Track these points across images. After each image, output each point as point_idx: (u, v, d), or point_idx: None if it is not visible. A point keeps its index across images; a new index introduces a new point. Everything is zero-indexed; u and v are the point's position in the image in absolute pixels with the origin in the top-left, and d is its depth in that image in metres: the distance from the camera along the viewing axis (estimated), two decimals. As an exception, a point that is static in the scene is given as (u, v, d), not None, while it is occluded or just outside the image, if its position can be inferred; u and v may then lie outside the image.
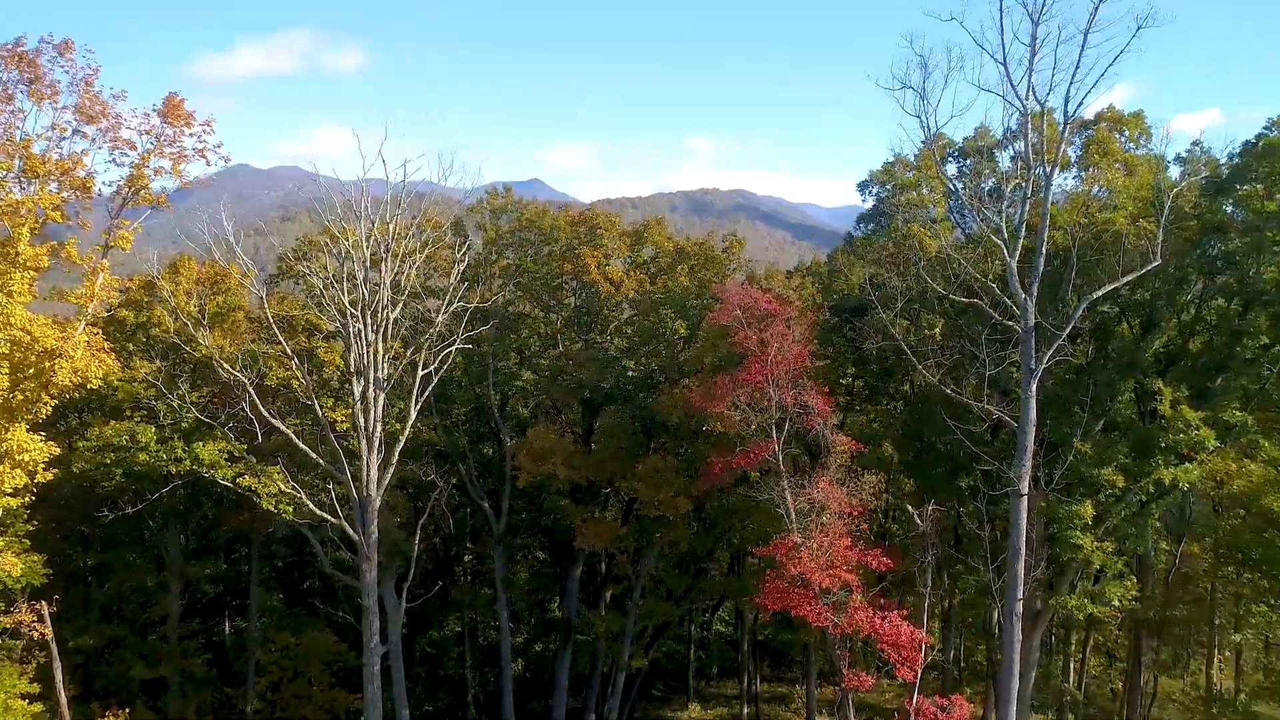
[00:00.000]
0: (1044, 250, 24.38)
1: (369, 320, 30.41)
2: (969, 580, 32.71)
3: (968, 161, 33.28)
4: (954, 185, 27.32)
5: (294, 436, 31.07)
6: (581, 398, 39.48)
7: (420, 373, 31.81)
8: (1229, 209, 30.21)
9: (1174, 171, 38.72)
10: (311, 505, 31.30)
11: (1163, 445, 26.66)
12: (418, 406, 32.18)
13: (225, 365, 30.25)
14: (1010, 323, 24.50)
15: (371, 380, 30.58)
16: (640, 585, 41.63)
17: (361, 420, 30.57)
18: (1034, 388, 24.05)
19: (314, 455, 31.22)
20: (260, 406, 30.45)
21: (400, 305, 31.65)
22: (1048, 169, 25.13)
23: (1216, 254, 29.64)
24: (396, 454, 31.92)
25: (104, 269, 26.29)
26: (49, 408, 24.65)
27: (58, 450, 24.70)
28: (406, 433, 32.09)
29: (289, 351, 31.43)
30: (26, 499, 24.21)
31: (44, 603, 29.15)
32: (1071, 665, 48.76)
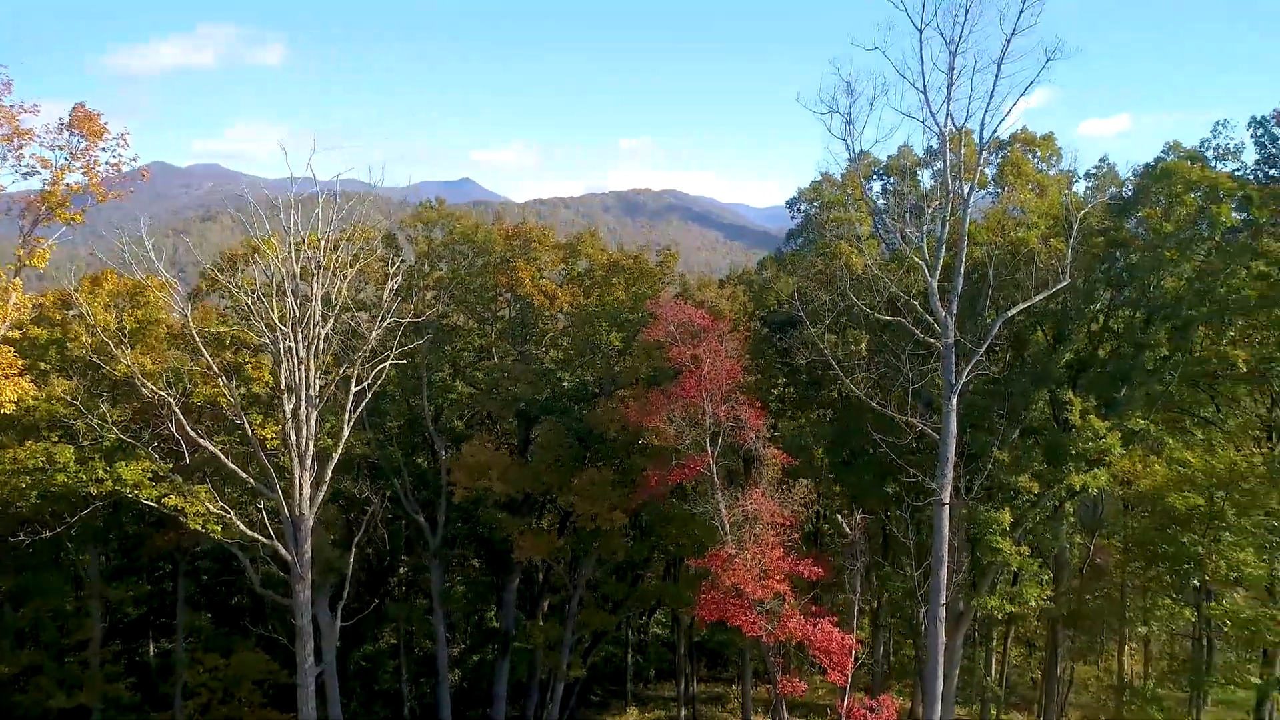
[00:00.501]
0: (963, 269, 25.49)
1: (299, 336, 29.97)
2: (896, 584, 33.86)
3: (891, 179, 34.47)
4: (878, 205, 28.39)
5: (222, 455, 30.42)
6: (517, 410, 39.53)
7: (354, 389, 31.49)
8: (1132, 225, 31.95)
9: (1081, 186, 40.78)
10: (241, 525, 30.70)
11: (1074, 453, 28.14)
12: (351, 422, 31.85)
13: (148, 384, 29.45)
14: (932, 340, 25.55)
15: (303, 398, 30.15)
16: (578, 595, 41.89)
17: (293, 438, 30.13)
18: (954, 402, 25.13)
19: (243, 474, 30.64)
20: (186, 425, 29.74)
21: (331, 320, 31.25)
22: (965, 190, 26.26)
23: (1121, 268, 31.35)
24: (330, 471, 31.56)
25: (16, 288, 25.43)
26: (-41, 433, 23.78)
27: (-32, 475, 23.81)
28: (340, 449, 31.73)
29: (215, 368, 30.75)
30: (-64, 525, 23.28)
31: (-45, 632, 27.96)
32: (994, 658, 50.72)
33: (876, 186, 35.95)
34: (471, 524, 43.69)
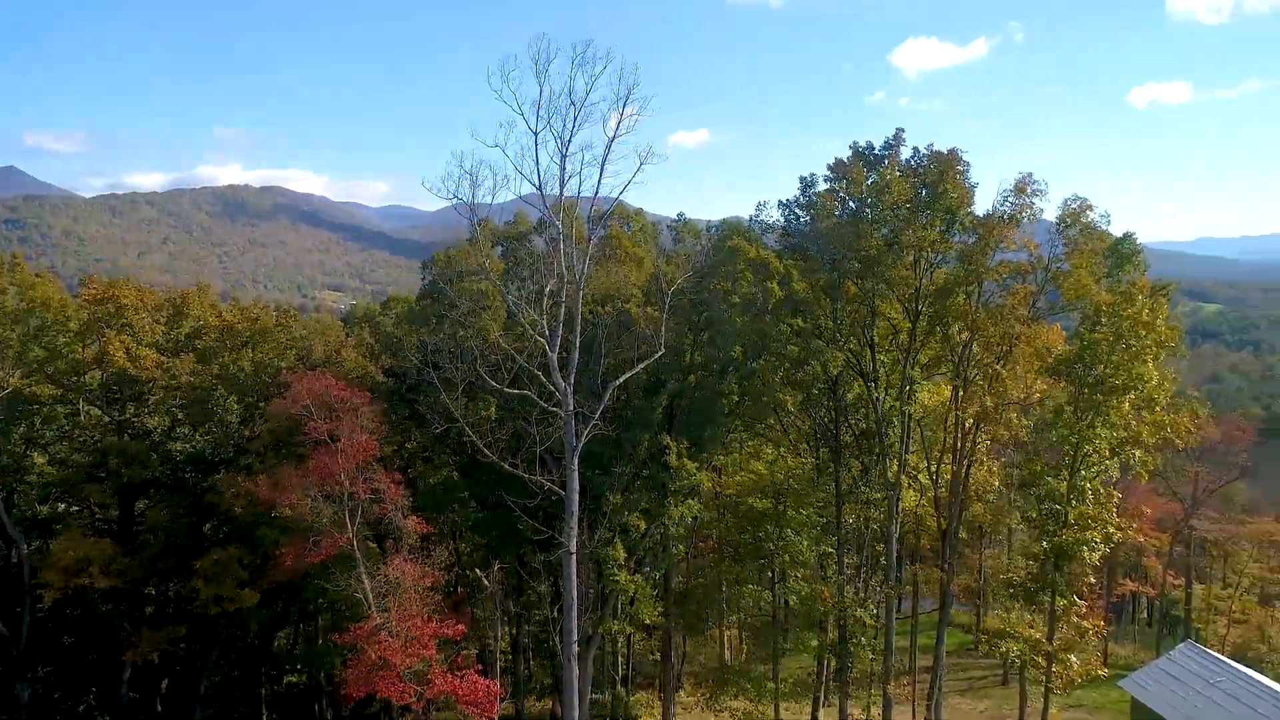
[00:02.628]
0: (578, 343, 28.67)
1: None
2: (534, 615, 36.70)
3: (509, 243, 37.16)
4: (500, 284, 30.55)
5: None
6: (118, 486, 35.54)
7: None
8: (711, 283, 38.00)
9: (666, 237, 47.14)
10: None
11: (673, 489, 33.13)
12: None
13: None
14: (554, 409, 28.44)
15: None
16: (205, 677, 38.92)
17: None
18: (576, 462, 28.24)
19: None
20: None
21: None
22: (578, 272, 29.41)
23: (702, 322, 37.22)
24: None
25: None
26: None
27: None
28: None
29: None
30: None
31: None
32: (620, 650, 56.55)
33: (498, 250, 38.43)
34: (67, 620, 38.41)
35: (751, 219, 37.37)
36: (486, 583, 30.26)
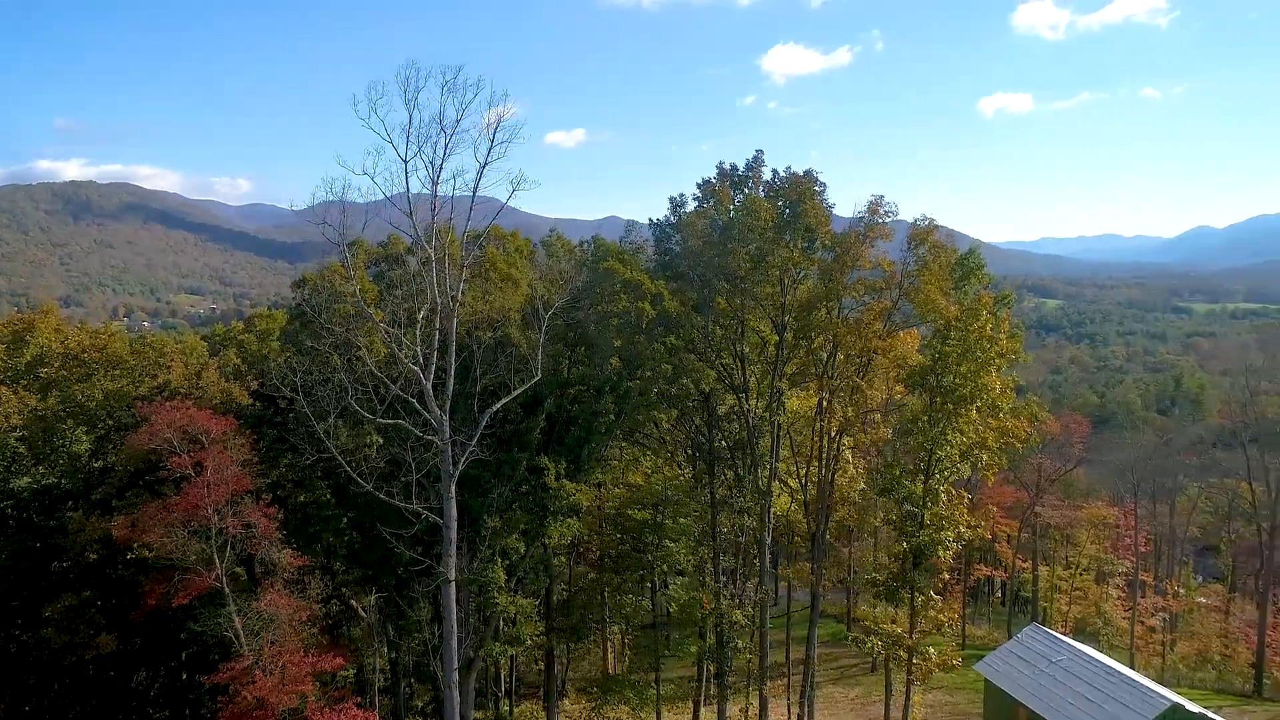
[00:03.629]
0: (453, 370, 28.63)
1: None
2: (414, 638, 36.30)
3: (383, 265, 36.56)
4: (370, 315, 30.08)
5: None
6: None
7: None
8: (585, 305, 38.52)
9: (542, 254, 47.44)
10: None
11: (553, 509, 33.51)
12: None
13: None
14: (431, 436, 28.31)
15: None
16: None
17: None
18: (453, 489, 28.21)
19: None
20: None
21: None
22: (452, 299, 29.34)
23: (578, 339, 37.75)
24: None
25: None
26: None
27: None
28: None
29: None
30: None
31: None
32: (502, 663, 56.44)
33: (373, 271, 37.80)
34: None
35: (623, 239, 38.21)
36: (364, 614, 29.77)
